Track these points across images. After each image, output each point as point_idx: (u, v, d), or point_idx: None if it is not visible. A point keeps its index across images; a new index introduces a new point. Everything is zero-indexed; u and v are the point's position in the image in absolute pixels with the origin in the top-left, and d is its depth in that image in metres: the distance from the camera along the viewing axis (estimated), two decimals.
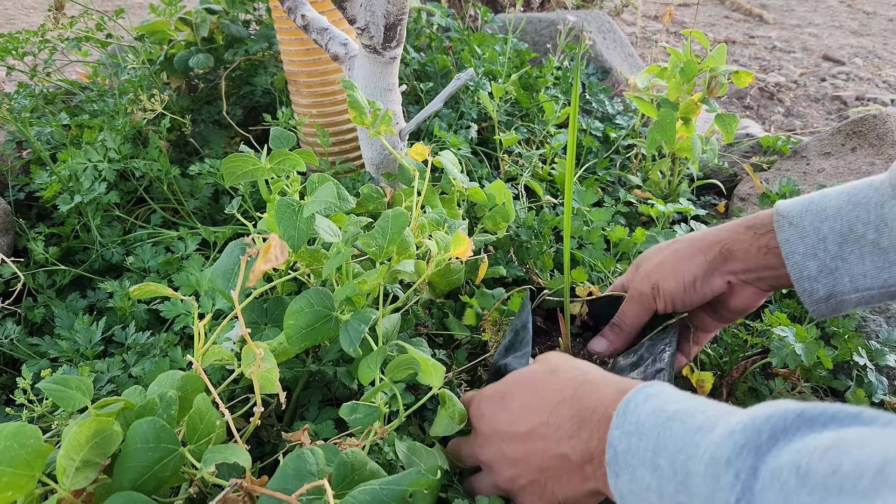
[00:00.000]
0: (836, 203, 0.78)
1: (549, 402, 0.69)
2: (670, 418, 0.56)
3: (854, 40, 3.63)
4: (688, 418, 0.55)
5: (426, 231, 0.96)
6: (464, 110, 1.63)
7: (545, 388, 0.71)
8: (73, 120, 1.44)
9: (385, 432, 0.72)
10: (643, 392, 0.61)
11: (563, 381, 0.71)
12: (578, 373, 0.71)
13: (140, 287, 0.70)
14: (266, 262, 0.46)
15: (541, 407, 0.69)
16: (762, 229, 0.83)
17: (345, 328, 0.75)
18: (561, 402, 0.68)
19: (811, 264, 0.78)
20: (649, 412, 0.58)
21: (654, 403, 0.59)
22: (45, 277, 1.24)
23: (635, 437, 0.57)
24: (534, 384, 0.73)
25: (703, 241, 0.87)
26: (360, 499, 0.56)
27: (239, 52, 1.63)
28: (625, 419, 0.59)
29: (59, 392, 0.63)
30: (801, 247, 0.78)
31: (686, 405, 0.57)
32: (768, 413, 0.49)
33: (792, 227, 0.79)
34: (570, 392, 0.68)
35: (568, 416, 0.66)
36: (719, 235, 0.86)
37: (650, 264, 0.91)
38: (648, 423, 0.57)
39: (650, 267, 0.91)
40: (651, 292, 0.89)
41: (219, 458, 0.57)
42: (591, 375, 0.70)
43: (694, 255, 0.87)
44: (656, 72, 1.51)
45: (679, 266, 0.87)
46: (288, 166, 0.81)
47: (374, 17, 1.06)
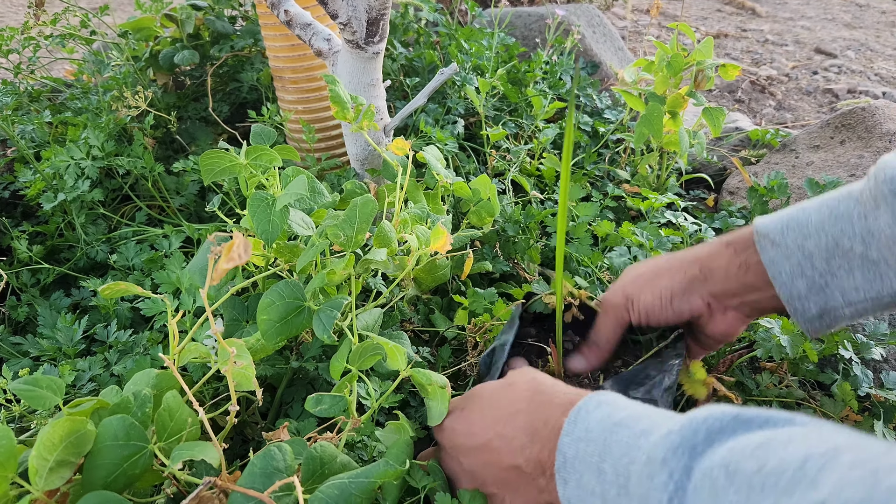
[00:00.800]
0: (817, 218, 0.76)
1: (503, 414, 0.69)
2: (617, 424, 0.56)
3: (846, 33, 3.62)
4: (633, 423, 0.55)
5: (408, 226, 0.95)
6: (451, 105, 1.62)
7: (500, 400, 0.72)
8: (57, 117, 1.43)
9: (358, 423, 0.72)
10: (594, 399, 0.61)
11: (518, 393, 0.71)
12: (533, 384, 0.71)
13: (110, 286, 0.70)
14: (229, 260, 0.46)
15: (495, 419, 0.70)
16: (741, 245, 0.81)
17: (317, 316, 0.75)
18: (514, 414, 0.68)
19: (799, 283, 0.76)
20: (598, 419, 0.59)
21: (603, 410, 0.59)
22: (29, 276, 1.23)
23: (583, 442, 0.58)
24: (490, 397, 0.73)
25: (683, 258, 0.86)
26: (329, 493, 0.56)
27: (225, 49, 1.63)
28: (575, 426, 0.60)
29: (29, 392, 0.62)
30: (786, 266, 0.76)
31: (633, 412, 0.57)
32: (705, 415, 0.49)
33: (775, 246, 0.77)
34: (523, 404, 0.69)
35: (521, 428, 0.66)
36: (698, 253, 0.85)
37: (626, 277, 0.90)
38: (597, 429, 0.58)
39: (626, 279, 0.90)
40: (624, 303, 0.88)
41: (186, 455, 0.56)
42: (544, 386, 0.70)
43: (672, 270, 0.85)
44: (644, 66, 1.50)
45: (656, 280, 0.86)
46: (265, 162, 0.81)
47: (356, 11, 1.05)
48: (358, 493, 0.58)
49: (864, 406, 1.05)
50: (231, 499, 0.58)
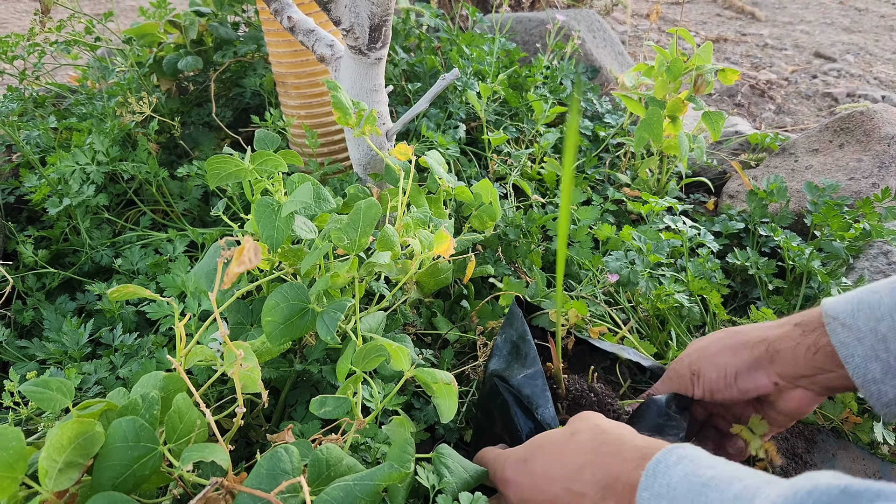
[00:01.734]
0: (889, 300, 0.72)
1: (570, 467, 0.67)
2: (705, 485, 0.53)
3: (845, 37, 3.63)
4: (725, 486, 0.52)
5: (411, 230, 0.96)
6: (452, 110, 1.63)
7: (566, 452, 0.69)
8: (62, 123, 1.45)
9: (363, 424, 0.72)
10: (675, 453, 0.58)
11: (582, 444, 0.68)
12: (597, 433, 0.69)
13: (118, 289, 0.71)
14: (240, 264, 0.47)
15: (562, 473, 0.68)
16: (810, 326, 0.78)
17: (321, 318, 0.76)
18: (582, 467, 0.66)
19: (874, 366, 0.72)
20: (682, 475, 0.56)
21: (686, 467, 0.56)
22: (34, 280, 1.24)
23: (665, 500, 0.55)
24: (554, 447, 0.71)
25: (749, 335, 0.83)
26: (334, 495, 0.57)
27: (228, 55, 1.64)
28: (654, 480, 0.57)
29: (39, 394, 0.63)
30: (859, 349, 0.73)
31: (722, 471, 0.54)
32: (810, 487, 0.46)
33: (845, 328, 0.73)
34: (590, 456, 0.66)
35: (591, 483, 0.64)
36: (765, 332, 0.82)
37: (692, 349, 0.88)
38: (681, 487, 0.55)
39: (693, 350, 0.88)
40: (689, 376, 0.86)
41: (196, 456, 0.57)
42: (610, 435, 0.68)
43: (738, 349, 0.83)
44: (644, 70, 1.51)
45: (721, 357, 0.84)
46: (270, 167, 0.82)
47: (359, 18, 1.06)
48: (363, 496, 0.59)
49: (863, 408, 1.06)
50: (238, 499, 0.59)
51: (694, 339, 1.06)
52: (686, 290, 1.15)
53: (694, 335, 1.17)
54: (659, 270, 1.19)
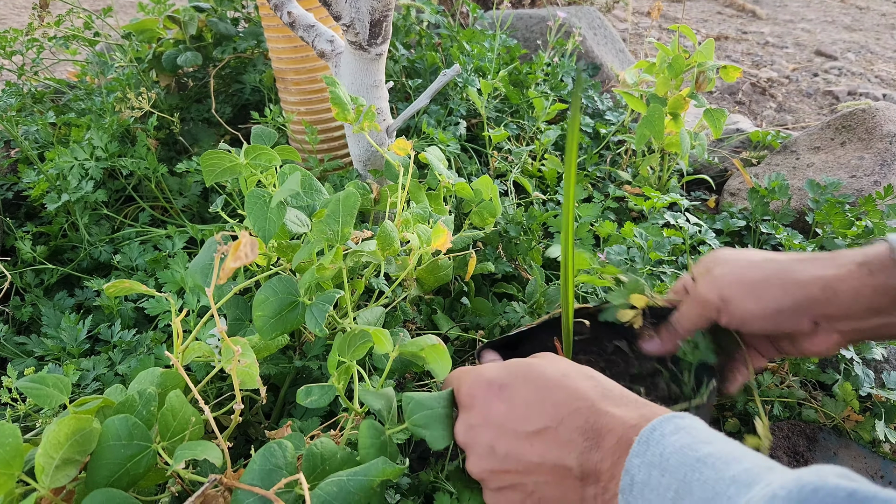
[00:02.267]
0: None
1: (561, 408, 0.63)
2: (701, 460, 0.51)
3: (847, 35, 3.63)
4: (722, 465, 0.50)
5: (411, 226, 0.96)
6: (453, 107, 1.63)
7: (556, 391, 0.64)
8: (61, 118, 1.44)
9: (360, 419, 0.72)
10: (672, 423, 0.55)
11: (579, 390, 0.64)
12: (596, 384, 0.65)
13: (115, 284, 0.70)
14: (236, 259, 0.46)
15: (550, 411, 0.63)
16: (877, 265, 0.70)
17: (310, 310, 0.75)
18: (575, 412, 0.62)
19: None
20: (677, 447, 0.53)
21: (682, 438, 0.53)
22: (32, 276, 1.24)
23: (657, 470, 0.53)
24: (542, 383, 0.66)
25: (802, 273, 0.75)
26: (328, 490, 0.56)
27: (227, 50, 1.63)
28: (647, 447, 0.54)
29: (36, 390, 0.63)
30: None
31: (720, 449, 0.52)
32: (816, 484, 0.43)
33: None
34: (586, 403, 0.62)
35: (581, 430, 0.61)
36: (822, 272, 0.73)
37: (726, 271, 0.80)
38: (674, 459, 0.52)
39: (725, 275, 0.79)
40: (717, 303, 0.79)
41: (188, 454, 0.57)
42: (612, 391, 0.64)
43: (787, 284, 0.75)
44: (645, 67, 1.51)
45: (766, 290, 0.76)
46: (265, 162, 0.81)
47: (360, 13, 1.06)
48: (356, 491, 0.58)
49: (865, 406, 1.06)
50: (235, 496, 0.59)
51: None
52: None
53: None
54: (660, 268, 1.19)
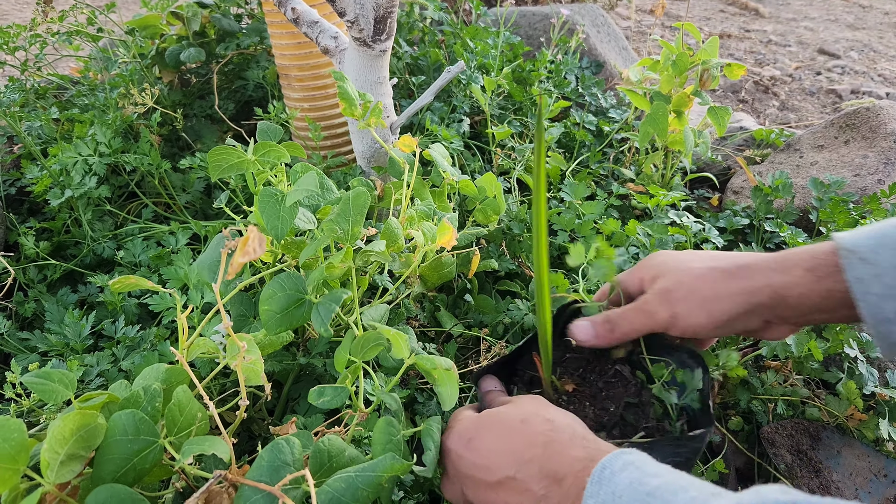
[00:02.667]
0: None
1: (518, 456, 0.65)
2: (650, 494, 0.53)
3: (850, 34, 3.62)
4: (670, 496, 0.52)
5: (415, 223, 0.96)
6: (456, 104, 1.63)
7: (514, 439, 0.67)
8: (64, 114, 1.44)
9: (365, 416, 0.72)
10: (620, 459, 0.57)
11: (533, 436, 0.66)
12: (548, 428, 0.66)
13: (120, 280, 0.70)
14: (244, 254, 0.46)
15: (509, 460, 0.65)
16: (823, 271, 0.71)
17: (316, 309, 0.75)
18: (530, 461, 0.64)
19: (889, 306, 0.68)
20: (626, 483, 0.55)
21: (631, 474, 0.55)
22: (35, 272, 1.24)
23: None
24: (502, 431, 0.69)
25: (750, 281, 0.75)
26: (336, 486, 0.56)
27: (231, 46, 1.63)
28: (600, 487, 0.56)
29: (41, 385, 0.62)
30: (876, 287, 0.68)
31: (668, 480, 0.53)
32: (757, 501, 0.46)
33: (865, 263, 0.68)
34: (539, 450, 0.64)
35: (537, 477, 0.63)
36: (769, 278, 0.74)
37: (677, 282, 0.78)
38: (626, 495, 0.54)
39: (674, 291, 0.78)
40: (668, 320, 0.77)
41: (196, 449, 0.56)
42: (561, 434, 0.65)
43: (734, 293, 0.75)
44: (649, 65, 1.50)
45: (713, 301, 0.76)
46: (273, 158, 0.81)
47: (364, 9, 1.06)
48: (364, 487, 0.58)
49: (868, 405, 1.06)
50: (240, 492, 0.58)
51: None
52: None
53: None
54: None
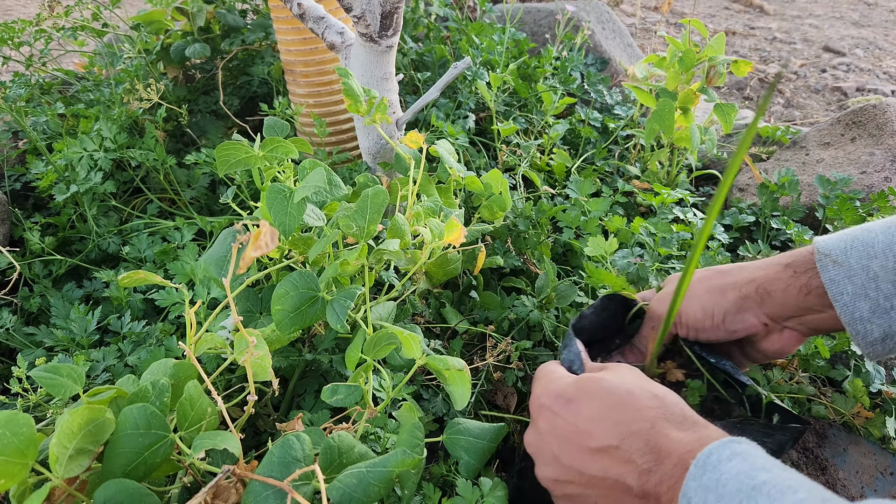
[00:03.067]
0: (884, 239, 0.72)
1: (623, 427, 0.64)
2: (756, 489, 0.51)
3: (855, 31, 3.61)
4: (777, 494, 0.50)
5: (421, 219, 0.95)
6: (461, 100, 1.62)
7: (620, 409, 0.66)
8: (69, 109, 1.44)
9: (374, 413, 0.72)
10: (729, 448, 0.56)
11: (642, 410, 0.65)
12: (658, 403, 0.66)
13: (129, 275, 0.70)
14: (256, 248, 0.46)
15: (614, 430, 0.65)
16: (801, 267, 0.77)
17: (331, 306, 0.75)
18: (636, 433, 0.63)
19: (862, 305, 0.72)
20: (733, 473, 0.54)
21: (739, 465, 0.54)
22: (41, 267, 1.24)
23: (713, 495, 0.53)
24: (607, 400, 0.68)
25: (738, 276, 0.82)
26: (347, 482, 0.56)
27: (236, 42, 1.63)
28: (704, 472, 0.55)
29: (50, 380, 0.62)
30: (849, 287, 0.72)
31: (777, 477, 0.52)
32: None
33: (836, 266, 0.73)
34: (647, 424, 0.64)
35: (640, 451, 0.62)
36: (754, 273, 0.81)
37: (673, 285, 0.86)
38: (731, 485, 0.53)
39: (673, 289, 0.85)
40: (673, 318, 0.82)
41: (208, 444, 0.56)
42: (672, 412, 0.65)
43: (726, 289, 0.82)
44: (655, 61, 1.50)
45: (707, 297, 0.82)
46: (281, 154, 0.81)
47: (371, 5, 1.05)
48: (375, 483, 0.58)
49: (875, 403, 1.05)
50: (249, 487, 0.58)
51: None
52: None
53: None
54: (669, 263, 1.18)
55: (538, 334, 1.15)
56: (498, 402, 1.10)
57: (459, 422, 0.77)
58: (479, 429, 0.77)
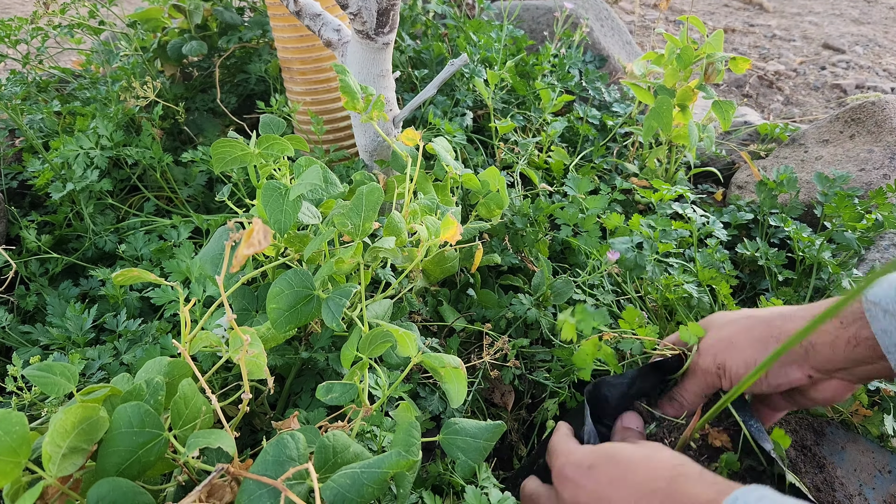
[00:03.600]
0: None
1: (640, 488, 0.64)
2: None
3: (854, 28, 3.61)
4: None
5: (418, 217, 0.95)
6: (459, 98, 1.62)
7: (637, 471, 0.66)
8: (66, 107, 1.44)
9: (370, 411, 0.71)
10: (754, 494, 0.55)
11: (658, 470, 0.65)
12: (676, 462, 0.66)
13: (123, 273, 0.70)
14: (249, 246, 0.45)
15: (630, 491, 0.64)
16: (849, 318, 0.73)
17: (326, 304, 0.75)
18: (653, 492, 0.63)
19: None
20: None
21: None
22: (37, 265, 1.23)
23: None
24: (625, 464, 0.68)
25: (781, 329, 0.78)
26: (341, 483, 0.56)
27: (233, 40, 1.62)
28: None
29: (43, 378, 0.62)
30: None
31: None
32: None
33: (889, 315, 0.69)
34: (663, 483, 0.63)
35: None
36: (798, 324, 0.77)
37: (717, 338, 0.83)
38: None
39: (717, 342, 0.83)
40: (716, 371, 0.82)
41: (202, 442, 0.56)
42: (688, 469, 0.64)
43: (768, 342, 0.78)
44: (653, 59, 1.49)
45: (750, 351, 0.79)
46: (276, 151, 0.80)
47: (367, 2, 1.05)
48: (370, 483, 0.58)
49: (873, 401, 1.05)
50: (243, 486, 0.58)
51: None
52: (695, 280, 1.14)
53: None
54: (668, 260, 1.18)
55: (535, 332, 1.15)
56: (495, 399, 1.10)
57: (456, 421, 0.76)
58: (475, 428, 0.76)
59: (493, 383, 1.10)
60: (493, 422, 0.78)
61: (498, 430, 0.77)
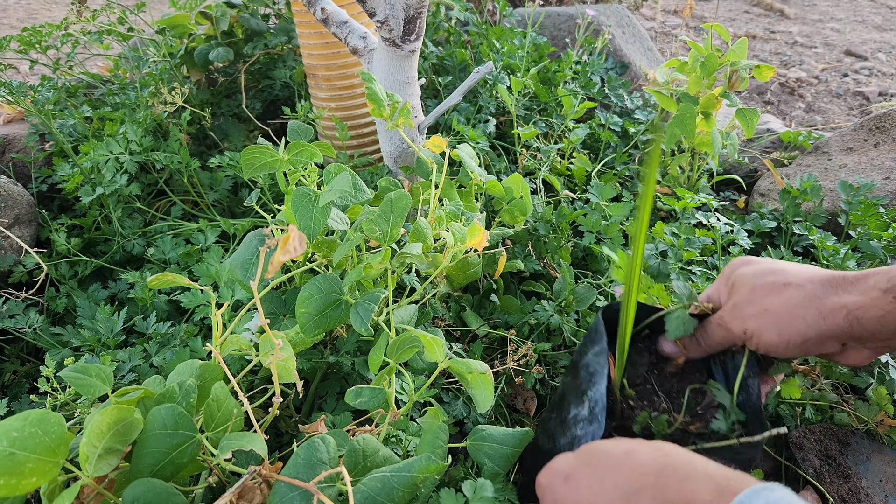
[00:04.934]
0: None
1: (624, 489, 0.59)
2: None
3: (877, 35, 3.57)
4: None
5: (444, 223, 0.96)
6: (482, 104, 1.63)
7: (618, 471, 0.61)
8: (95, 112, 1.46)
9: (398, 415, 0.72)
10: (762, 496, 0.51)
11: (641, 465, 0.60)
12: (659, 454, 0.61)
13: (158, 277, 0.71)
14: (285, 252, 0.46)
15: (614, 494, 0.59)
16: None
17: (355, 309, 0.75)
18: (639, 490, 0.58)
19: None
20: None
21: None
22: (67, 268, 1.26)
23: None
24: (604, 464, 0.63)
25: (824, 301, 0.73)
26: (371, 486, 0.57)
27: (258, 46, 1.64)
28: None
29: (79, 380, 0.63)
30: None
31: None
32: None
33: None
34: (650, 479, 0.58)
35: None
36: (846, 299, 0.72)
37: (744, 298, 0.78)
38: None
39: (748, 306, 0.77)
40: (742, 336, 0.77)
41: (235, 445, 0.57)
42: (676, 459, 0.59)
43: (809, 314, 0.73)
44: (676, 66, 1.49)
45: (788, 322, 0.74)
46: (305, 158, 0.82)
47: (394, 10, 1.06)
48: (399, 487, 0.59)
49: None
50: (275, 488, 0.59)
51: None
52: None
53: None
54: (691, 268, 1.18)
55: (558, 338, 1.15)
56: (518, 405, 1.10)
57: (483, 428, 0.77)
58: (502, 434, 0.77)
59: (516, 389, 1.11)
60: (521, 429, 0.78)
61: (526, 437, 0.77)
